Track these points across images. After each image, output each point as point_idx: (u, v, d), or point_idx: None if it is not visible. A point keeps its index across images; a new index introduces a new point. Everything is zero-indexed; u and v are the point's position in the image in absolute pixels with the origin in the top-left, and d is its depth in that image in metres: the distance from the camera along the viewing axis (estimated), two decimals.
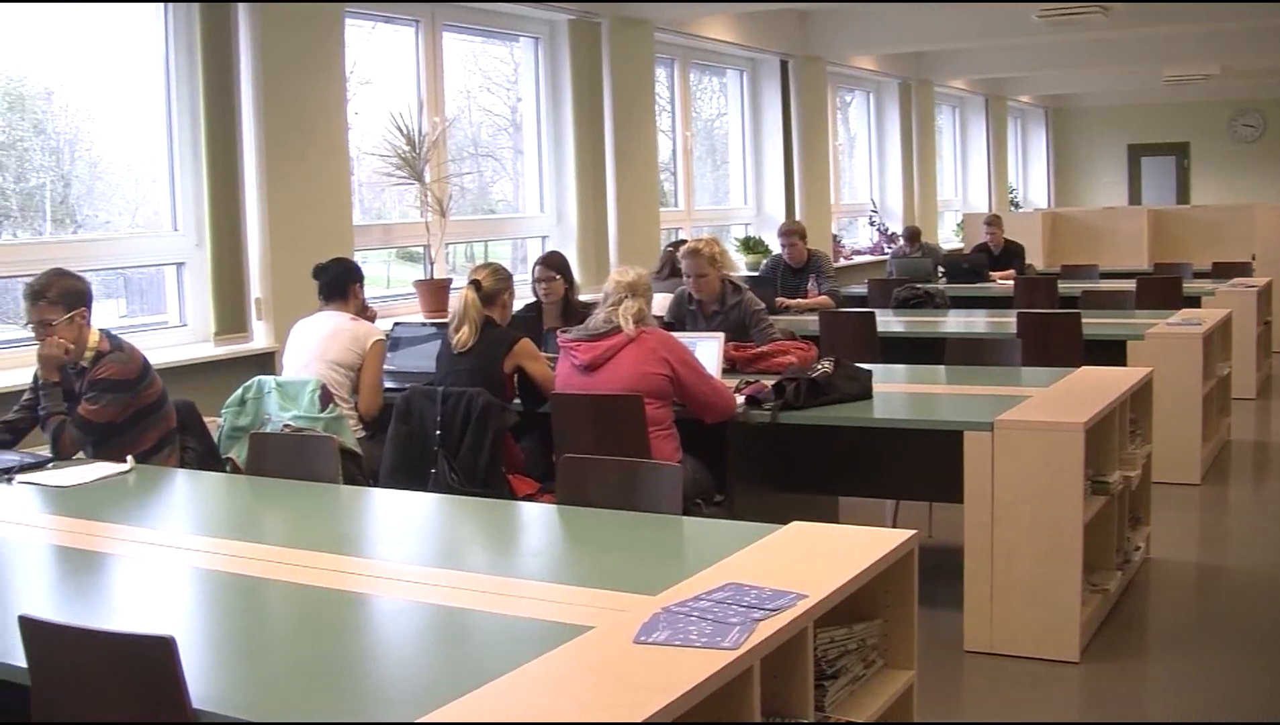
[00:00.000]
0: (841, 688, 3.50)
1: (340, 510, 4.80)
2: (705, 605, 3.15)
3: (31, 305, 5.67)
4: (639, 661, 2.86)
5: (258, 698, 2.89)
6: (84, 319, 5.69)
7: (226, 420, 6.40)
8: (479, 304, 6.34)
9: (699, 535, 4.21)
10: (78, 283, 5.74)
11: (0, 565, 4.27)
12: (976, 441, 5.45)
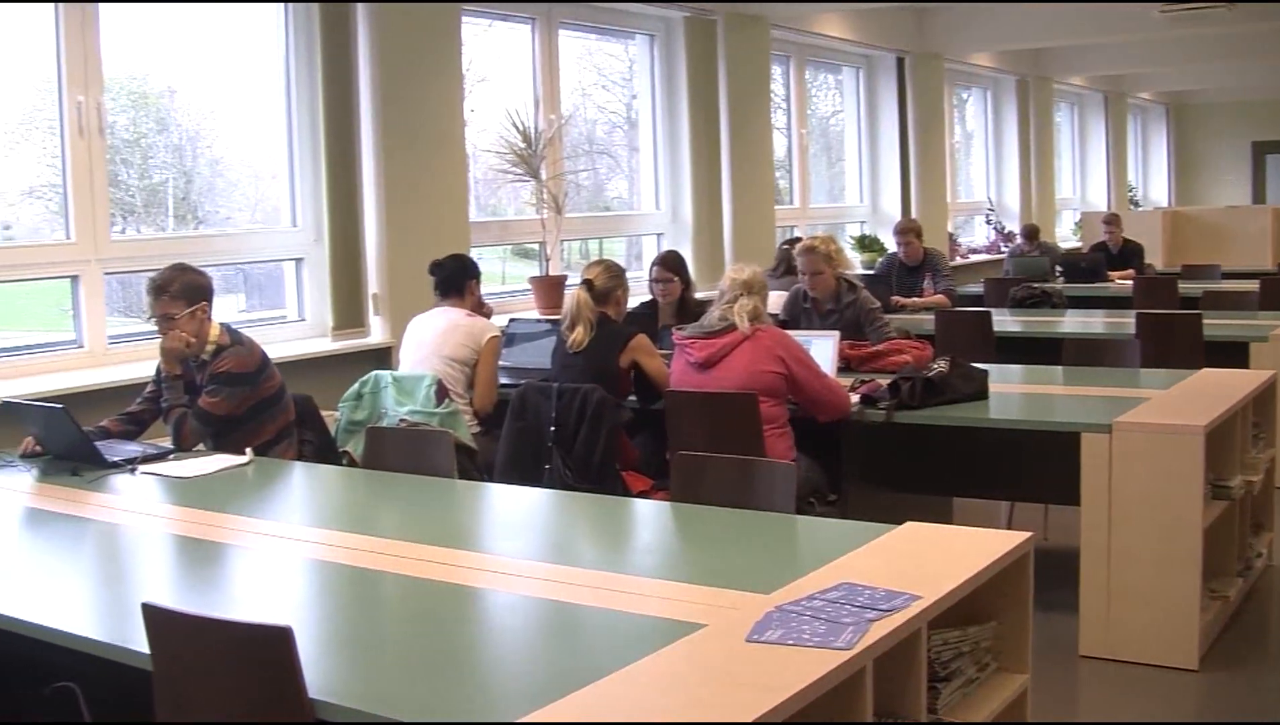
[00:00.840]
0: (954, 690, 3.48)
1: (455, 505, 4.83)
2: (818, 605, 3.14)
3: (154, 300, 5.76)
4: (751, 660, 2.86)
5: (372, 688, 2.92)
6: (205, 313, 5.77)
7: (343, 414, 6.47)
8: (591, 303, 6.37)
9: (812, 534, 4.21)
10: (199, 277, 5.82)
11: (124, 553, 4.37)
12: (1094, 444, 5.39)
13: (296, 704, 2.81)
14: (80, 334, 6.99)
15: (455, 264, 6.99)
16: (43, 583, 4.08)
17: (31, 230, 7.41)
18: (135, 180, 7.90)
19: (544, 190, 9.34)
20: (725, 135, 11.05)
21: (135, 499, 4.91)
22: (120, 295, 7.55)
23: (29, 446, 5.68)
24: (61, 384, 6.43)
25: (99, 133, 6.97)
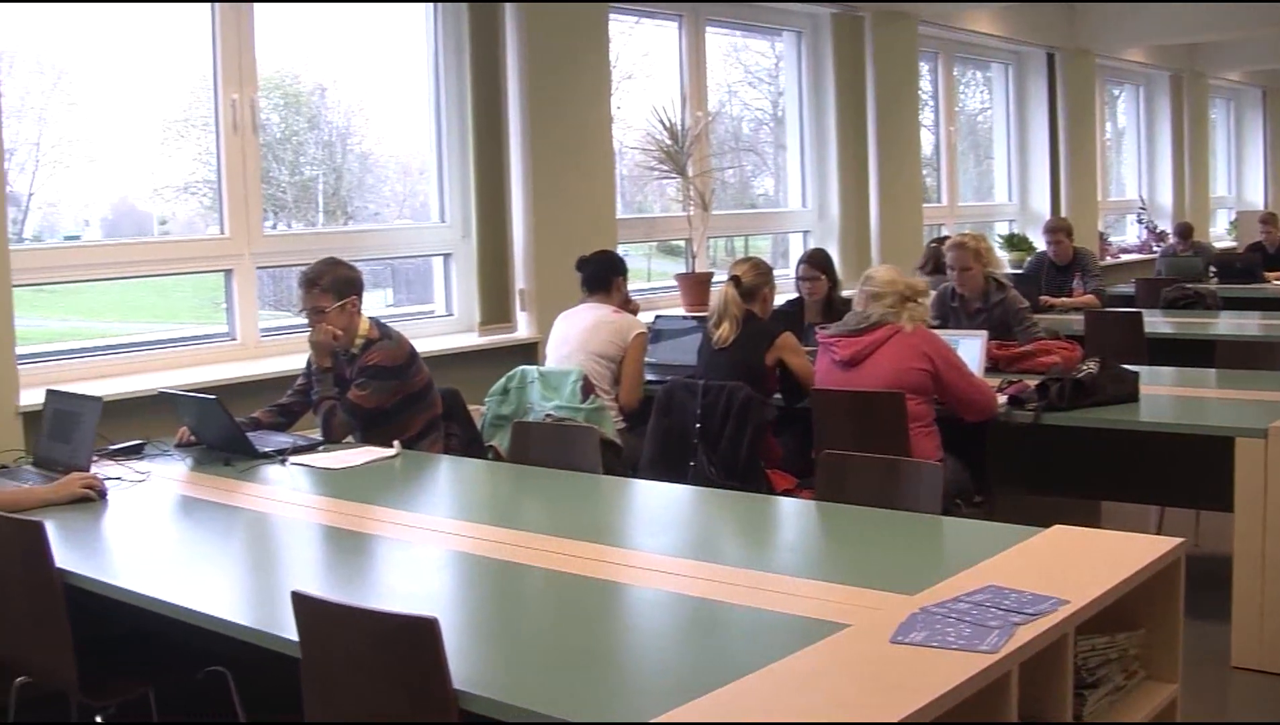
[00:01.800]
0: (1101, 698, 3.43)
1: (599, 500, 4.85)
2: (964, 607, 3.11)
3: (305, 293, 5.85)
4: (895, 661, 2.84)
5: (515, 681, 2.94)
6: (355, 307, 5.85)
7: (490, 409, 6.53)
8: (739, 300, 6.36)
9: (958, 536, 4.16)
10: (350, 272, 5.90)
11: (274, 542, 4.45)
12: (1249, 448, 5.28)
13: (441, 694, 2.83)
14: (233, 327, 7.11)
15: (602, 260, 7.02)
16: (196, 569, 4.17)
17: (186, 225, 7.57)
18: (286, 176, 8.03)
19: (690, 187, 9.35)
20: (872, 132, 10.98)
21: (285, 489, 4.99)
22: (271, 289, 7.68)
23: (183, 436, 5.80)
24: (215, 376, 6.56)
25: (252, 130, 7.10)
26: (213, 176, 7.23)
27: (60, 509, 4.74)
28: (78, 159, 7.04)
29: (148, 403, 6.04)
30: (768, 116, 11.77)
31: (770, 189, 11.65)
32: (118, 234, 7.34)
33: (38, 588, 4.04)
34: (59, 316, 7.22)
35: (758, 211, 11.24)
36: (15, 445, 5.72)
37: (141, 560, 4.28)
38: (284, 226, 7.91)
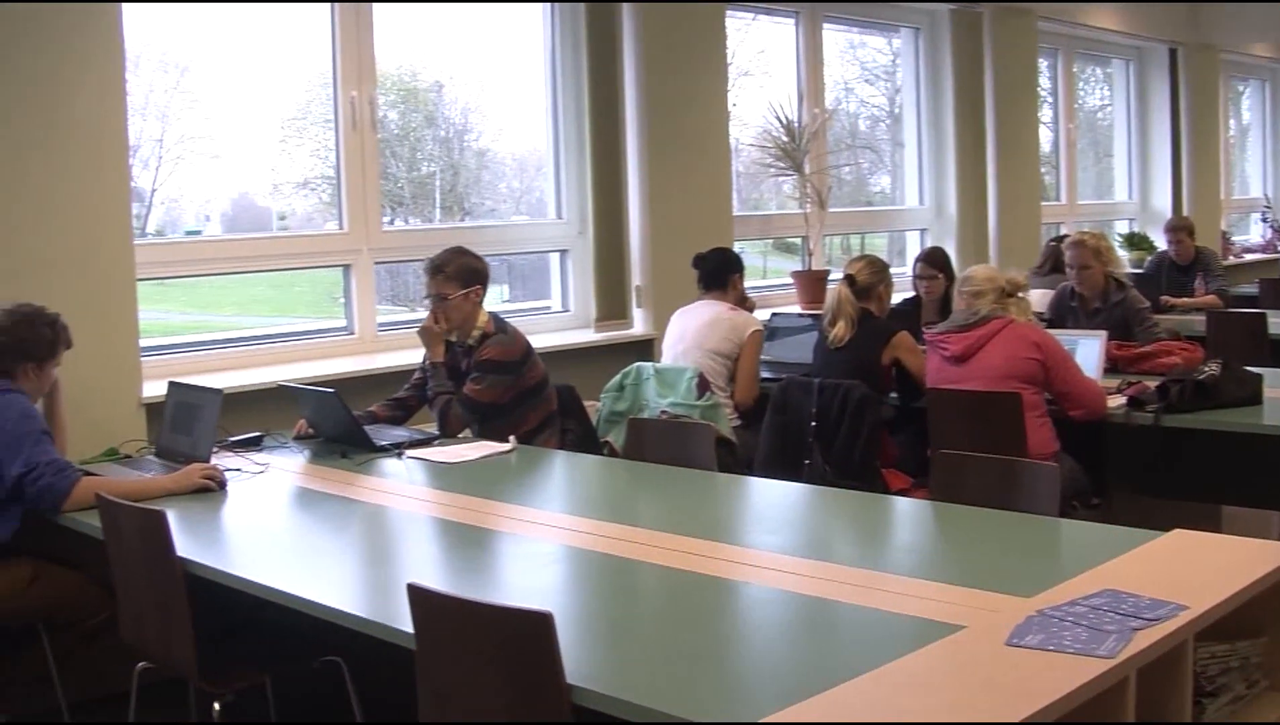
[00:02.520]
0: (1221, 706, 3.37)
1: (714, 497, 4.84)
2: (1081, 611, 3.07)
3: (430, 278, 5.91)
4: (1011, 664, 2.80)
5: (628, 677, 2.94)
6: (478, 297, 5.90)
7: (605, 405, 6.55)
8: (853, 299, 6.34)
9: (1075, 538, 4.11)
10: (476, 262, 5.95)
11: (390, 535, 4.49)
12: None
13: (554, 689, 2.84)
14: (351, 321, 7.18)
15: (719, 257, 7.01)
16: (313, 560, 4.23)
17: (305, 220, 7.65)
18: (404, 173, 8.10)
19: (807, 184, 9.32)
20: (991, 129, 10.87)
21: (401, 483, 5.04)
22: (389, 284, 7.75)
23: (301, 429, 5.87)
24: (332, 369, 6.62)
25: (371, 127, 7.16)
26: (331, 173, 7.31)
27: (181, 499, 4.82)
28: (199, 156, 7.14)
29: (266, 396, 6.12)
30: (884, 113, 11.70)
31: (887, 186, 11.58)
32: (238, 229, 7.44)
33: (160, 575, 4.11)
34: (180, 310, 7.33)
35: (874, 209, 11.18)
36: (138, 436, 5.82)
37: (260, 550, 4.35)
38: (401, 222, 7.98)
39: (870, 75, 11.56)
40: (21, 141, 5.61)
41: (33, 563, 4.92)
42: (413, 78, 8.11)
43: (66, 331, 5.18)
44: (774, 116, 9.26)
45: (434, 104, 8.23)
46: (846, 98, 11.13)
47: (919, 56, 10.91)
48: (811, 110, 9.74)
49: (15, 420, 4.82)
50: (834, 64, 10.57)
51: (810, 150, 9.39)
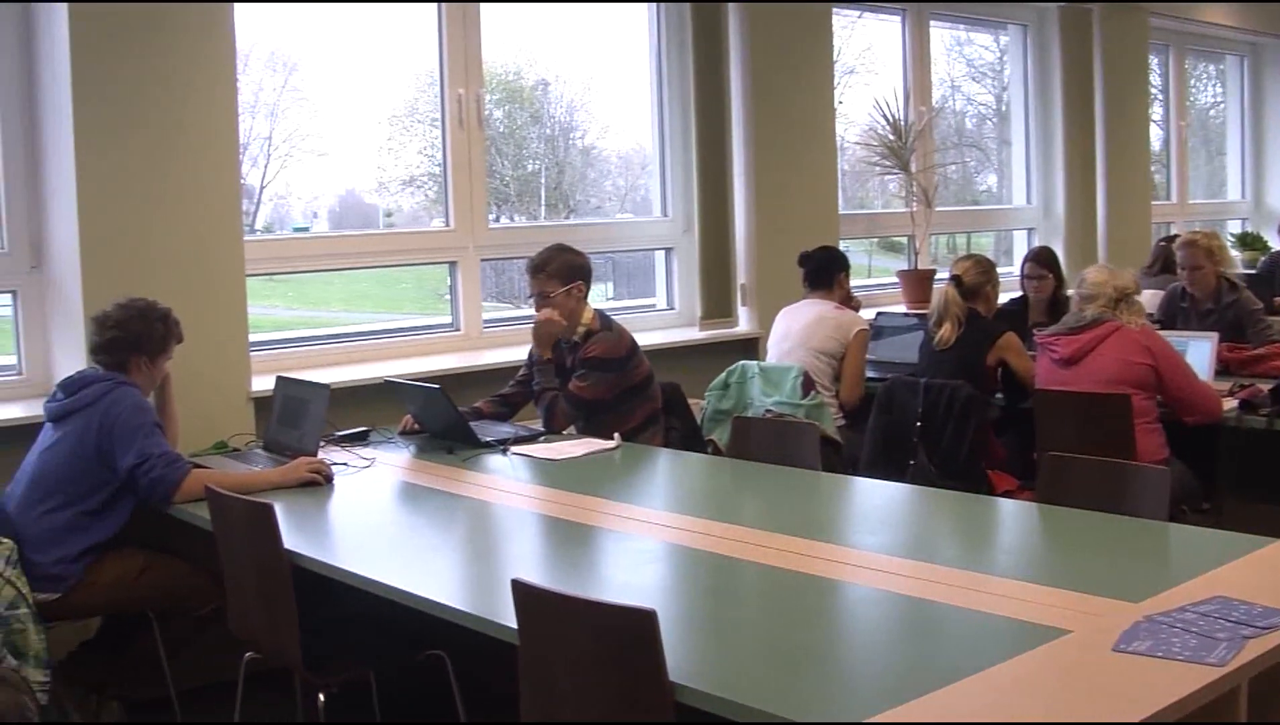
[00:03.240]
0: None
1: (818, 496, 4.82)
2: (1190, 617, 3.03)
3: (532, 277, 5.93)
4: (1118, 670, 2.77)
5: (730, 675, 2.94)
6: (581, 293, 5.91)
7: (710, 403, 6.54)
8: (959, 300, 6.30)
9: (1185, 543, 4.06)
10: (577, 258, 5.96)
11: (494, 530, 4.51)
12: None
13: (657, 686, 2.84)
14: (457, 317, 7.22)
15: (824, 256, 6.98)
16: (418, 555, 4.26)
17: (411, 218, 7.71)
18: (509, 170, 8.14)
19: (913, 183, 9.26)
20: (1100, 127, 10.74)
21: (506, 479, 5.07)
22: (494, 281, 7.79)
23: (408, 424, 5.92)
24: (438, 365, 6.66)
25: (478, 125, 7.20)
26: (437, 170, 7.36)
27: (288, 492, 4.87)
28: (307, 153, 7.22)
29: (373, 391, 6.17)
30: (991, 111, 11.61)
31: (993, 185, 11.48)
32: (345, 226, 7.51)
33: (267, 568, 4.16)
34: (287, 306, 7.41)
35: (981, 208, 11.08)
36: (246, 429, 5.89)
37: (365, 544, 4.39)
38: (507, 220, 8.01)
39: (977, 73, 11.47)
40: (136, 140, 5.70)
41: (143, 553, 4.99)
42: (518, 76, 8.15)
43: (178, 326, 5.26)
44: (880, 114, 9.21)
45: (539, 102, 8.26)
46: (953, 95, 11.05)
47: (1027, 53, 10.80)
48: (918, 108, 9.68)
49: (128, 413, 4.89)
50: (940, 61, 10.49)
51: (916, 148, 9.34)
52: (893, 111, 9.21)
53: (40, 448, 5.03)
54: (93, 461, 4.87)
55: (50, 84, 5.69)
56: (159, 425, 5.00)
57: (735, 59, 8.01)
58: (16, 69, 5.79)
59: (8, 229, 5.85)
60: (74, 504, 4.85)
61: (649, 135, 8.22)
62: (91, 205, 5.60)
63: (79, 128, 5.57)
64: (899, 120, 9.22)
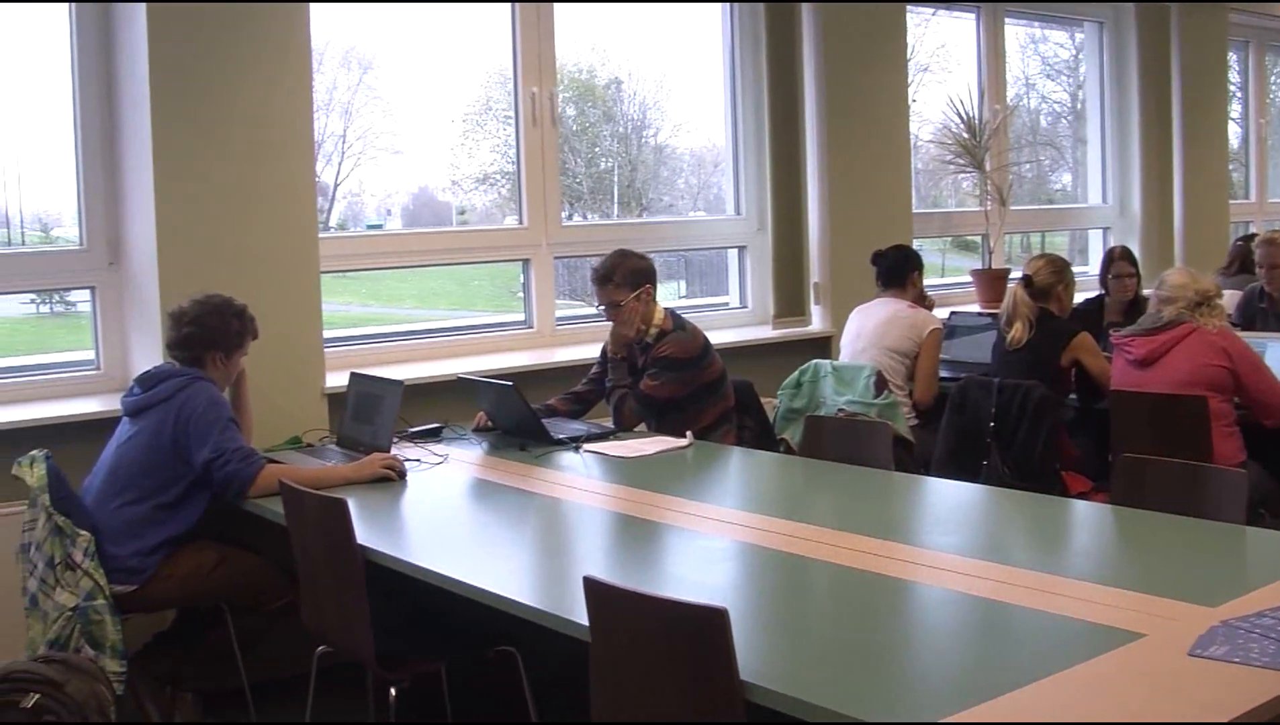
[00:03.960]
0: None
1: (890, 496, 4.81)
2: (1269, 623, 2.99)
3: (599, 288, 5.93)
4: (1193, 675, 2.75)
5: (801, 674, 2.93)
6: (649, 296, 5.91)
7: (782, 402, 6.53)
8: (1029, 300, 6.26)
9: (1263, 547, 4.00)
10: (641, 262, 5.96)
11: (565, 527, 4.52)
12: None
13: (728, 685, 2.84)
14: (530, 315, 7.25)
15: (898, 255, 6.96)
16: (490, 551, 4.28)
17: (484, 215, 7.74)
18: (582, 168, 8.15)
19: (988, 181, 9.21)
20: (1177, 125, 10.62)
21: (578, 476, 5.08)
22: (566, 279, 7.80)
23: (481, 421, 5.94)
24: (511, 362, 6.69)
25: (551, 123, 7.21)
26: (510, 168, 7.38)
27: (361, 487, 4.90)
28: (380, 151, 7.26)
29: (446, 388, 6.19)
30: (1066, 109, 11.52)
31: (1068, 184, 11.39)
32: (418, 224, 7.54)
33: (340, 562, 4.18)
34: (361, 303, 7.46)
35: (1056, 207, 11.00)
36: (320, 425, 5.94)
37: (438, 540, 4.41)
38: (580, 218, 8.03)
39: (1052, 70, 11.37)
40: (212, 138, 5.75)
41: (218, 547, 5.04)
42: (591, 74, 8.16)
43: (253, 322, 5.30)
44: (954, 112, 9.16)
45: (612, 100, 8.27)
46: (1027, 93, 10.98)
47: (1103, 51, 10.69)
48: (992, 106, 9.61)
49: (203, 408, 4.94)
50: (1015, 59, 10.42)
51: (991, 147, 9.28)
52: (967, 109, 9.16)
53: (117, 442, 5.08)
54: (169, 456, 4.92)
55: (129, 83, 5.76)
56: (234, 421, 5.04)
57: (809, 57, 7.99)
58: (96, 68, 5.86)
59: (86, 226, 5.92)
60: (150, 498, 4.90)
61: (722, 133, 8.22)
62: (168, 202, 5.66)
63: (156, 126, 5.63)
64: (973, 118, 9.16)
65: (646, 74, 8.21)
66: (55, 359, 6.09)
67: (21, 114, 5.95)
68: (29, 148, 6.02)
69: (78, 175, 5.91)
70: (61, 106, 5.87)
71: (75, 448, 5.34)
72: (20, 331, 6.36)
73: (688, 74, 8.28)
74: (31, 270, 5.96)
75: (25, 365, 6.01)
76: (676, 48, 8.18)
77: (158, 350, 5.54)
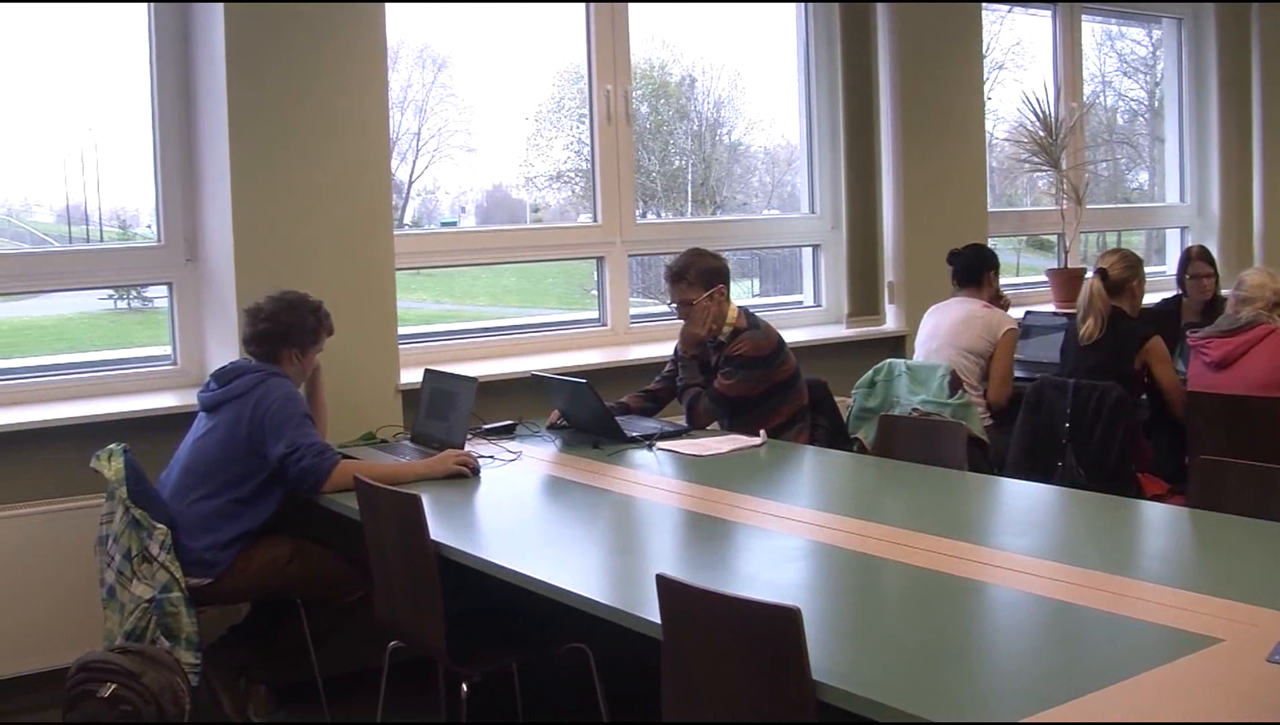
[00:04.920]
0: None
1: (964, 497, 4.78)
2: None
3: (672, 286, 5.94)
4: (1271, 681, 2.71)
5: (873, 675, 2.92)
6: (722, 295, 5.90)
7: (856, 401, 6.51)
8: (1104, 294, 6.21)
9: None
10: (714, 261, 5.96)
11: (638, 526, 4.52)
12: None
13: (800, 684, 2.84)
14: (604, 313, 7.26)
15: (973, 253, 6.92)
16: (562, 548, 4.29)
17: (558, 213, 7.76)
18: (656, 166, 8.16)
19: (1064, 180, 9.14)
20: (1258, 123, 10.48)
21: (651, 474, 5.08)
22: (640, 277, 7.81)
23: (554, 418, 5.95)
24: (584, 360, 6.71)
25: (626, 120, 7.22)
26: (583, 165, 7.40)
27: (435, 483, 4.93)
28: (455, 149, 7.29)
29: (520, 385, 6.21)
30: (1143, 107, 11.41)
31: (1145, 183, 11.29)
32: (492, 221, 7.57)
33: (414, 558, 4.21)
34: (434, 300, 7.49)
35: (1132, 206, 10.89)
36: (394, 421, 5.97)
37: (511, 536, 4.43)
38: (653, 216, 8.03)
39: (1129, 68, 11.27)
40: (289, 135, 5.80)
41: (292, 541, 5.08)
42: (664, 72, 8.16)
43: (329, 318, 5.34)
44: (1029, 110, 9.09)
45: (686, 98, 8.27)
46: (1104, 91, 10.88)
47: (1181, 48, 10.58)
48: (1068, 104, 9.54)
49: (279, 403, 4.98)
50: (1091, 56, 10.33)
51: (1067, 145, 9.21)
52: (1043, 107, 9.09)
53: (193, 437, 5.14)
54: (244, 450, 4.96)
55: (206, 81, 5.81)
56: (309, 416, 5.09)
57: (883, 56, 7.96)
58: (174, 67, 5.92)
59: (164, 222, 5.98)
60: (225, 492, 4.95)
61: (796, 131, 8.20)
62: (245, 199, 5.71)
63: (233, 123, 5.68)
64: (1049, 116, 9.09)
65: (720, 71, 8.20)
66: (133, 354, 6.16)
67: (100, 112, 6.02)
68: (108, 146, 6.09)
69: (156, 173, 5.97)
70: (140, 105, 5.94)
71: (152, 442, 5.40)
72: (99, 327, 6.43)
73: (761, 71, 8.27)
74: (110, 266, 6.02)
75: (103, 360, 6.09)
76: (750, 45, 8.17)
77: (234, 346, 5.59)
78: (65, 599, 5.35)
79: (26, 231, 6.17)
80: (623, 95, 7.18)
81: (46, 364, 5.96)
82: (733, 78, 8.24)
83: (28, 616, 5.36)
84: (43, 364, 5.96)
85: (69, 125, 6.00)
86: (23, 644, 5.36)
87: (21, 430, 5.40)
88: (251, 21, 5.69)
